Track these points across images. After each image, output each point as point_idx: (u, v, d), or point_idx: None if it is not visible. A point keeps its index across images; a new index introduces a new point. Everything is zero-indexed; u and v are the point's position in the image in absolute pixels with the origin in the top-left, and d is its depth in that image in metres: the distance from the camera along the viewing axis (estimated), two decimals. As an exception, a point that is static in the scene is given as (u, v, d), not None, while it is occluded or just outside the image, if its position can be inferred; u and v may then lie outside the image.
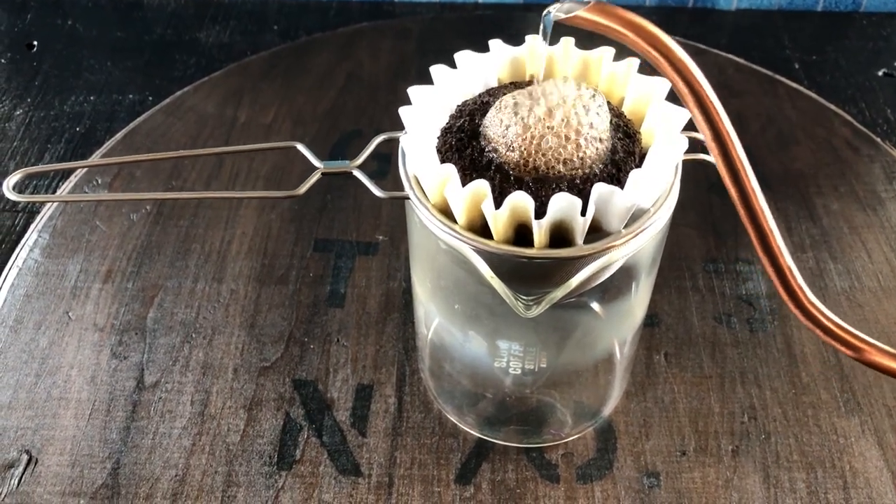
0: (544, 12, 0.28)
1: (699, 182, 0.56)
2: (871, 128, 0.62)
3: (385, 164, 0.55)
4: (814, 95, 0.64)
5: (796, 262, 0.51)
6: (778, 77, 0.66)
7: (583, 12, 0.26)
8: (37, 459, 0.42)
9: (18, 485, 0.41)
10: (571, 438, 0.43)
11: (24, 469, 0.42)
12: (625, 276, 0.35)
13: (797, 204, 0.55)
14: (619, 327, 0.41)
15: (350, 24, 0.73)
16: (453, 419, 0.44)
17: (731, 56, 0.68)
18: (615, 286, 0.36)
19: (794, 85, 0.65)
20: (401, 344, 0.47)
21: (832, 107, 0.63)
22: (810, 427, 0.43)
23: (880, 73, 0.69)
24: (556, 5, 0.27)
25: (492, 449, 0.43)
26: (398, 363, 0.46)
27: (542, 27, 0.30)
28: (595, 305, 0.39)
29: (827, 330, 0.27)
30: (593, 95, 0.30)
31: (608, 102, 0.33)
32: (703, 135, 0.26)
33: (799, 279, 0.27)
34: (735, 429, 0.43)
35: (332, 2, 0.77)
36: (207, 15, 0.75)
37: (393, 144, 0.34)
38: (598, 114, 0.30)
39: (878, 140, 0.60)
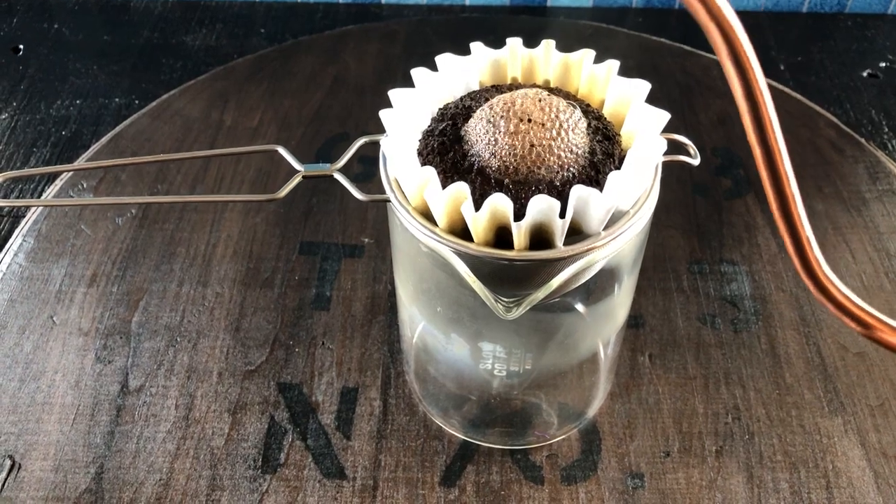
0: None
1: (684, 183, 0.56)
2: (855, 129, 0.62)
3: (370, 167, 0.55)
4: (798, 96, 0.65)
5: (780, 263, 0.52)
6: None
7: None
8: (20, 465, 0.42)
9: (1, 490, 0.41)
10: (556, 440, 0.43)
11: (8, 474, 0.42)
12: (606, 277, 0.35)
13: (782, 205, 0.55)
14: (602, 328, 0.41)
15: (337, 27, 0.73)
16: (438, 422, 0.44)
17: (716, 57, 0.68)
18: (597, 288, 0.36)
19: (779, 86, 0.66)
20: (386, 347, 0.47)
21: (817, 108, 0.63)
22: (794, 427, 0.43)
23: (865, 74, 0.69)
24: None
25: (476, 451, 0.43)
26: (383, 366, 0.46)
27: None
28: (577, 307, 0.39)
29: (839, 304, 0.26)
30: (571, 101, 0.30)
31: (588, 105, 0.33)
32: (734, 89, 0.24)
33: (816, 250, 0.26)
34: (719, 429, 0.43)
35: (319, 4, 0.77)
36: (194, 18, 0.75)
37: (378, 147, 0.34)
38: (576, 118, 0.30)
39: (863, 141, 0.61)
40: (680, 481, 0.41)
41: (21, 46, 0.72)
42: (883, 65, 0.70)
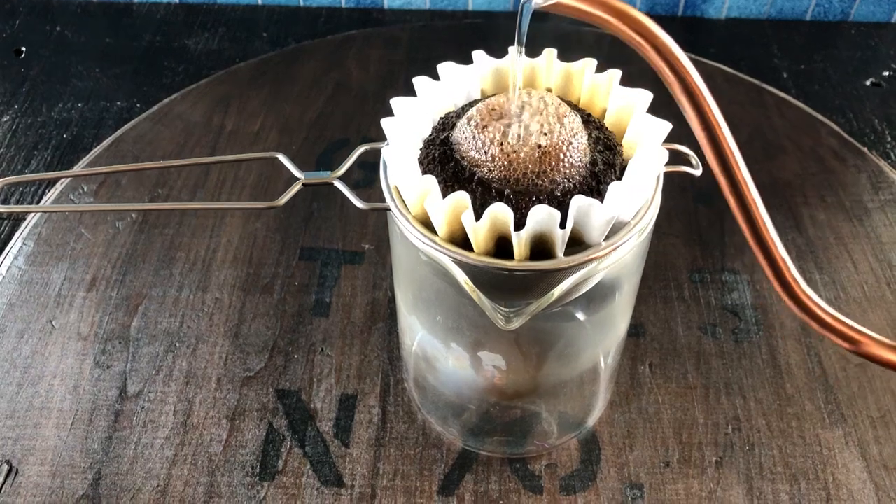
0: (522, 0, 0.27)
1: (685, 192, 0.56)
2: (858, 137, 0.62)
3: (371, 174, 0.55)
4: (801, 105, 0.64)
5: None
6: (766, 86, 0.66)
7: None
8: (17, 470, 0.42)
9: (-2, 495, 0.41)
10: (555, 449, 0.43)
11: (5, 480, 0.41)
12: (607, 287, 0.35)
13: (783, 214, 0.55)
14: (602, 338, 0.41)
15: (339, 32, 0.73)
16: (437, 430, 0.43)
17: (719, 65, 0.68)
18: (597, 297, 0.36)
19: (782, 94, 0.65)
20: (385, 354, 0.47)
21: (820, 116, 0.63)
22: (794, 438, 0.43)
23: (868, 83, 0.69)
24: None
25: (475, 460, 0.42)
26: (382, 373, 0.46)
27: (519, 16, 0.28)
28: (577, 316, 0.39)
29: (823, 322, 0.26)
30: (564, 106, 0.30)
31: (589, 114, 0.33)
32: (691, 122, 0.24)
33: (793, 270, 0.26)
34: (719, 440, 0.43)
35: (322, 9, 0.77)
36: (197, 22, 0.75)
37: (379, 153, 0.34)
38: (575, 126, 0.30)
39: (865, 150, 0.60)
40: (679, 492, 0.41)
41: (23, 49, 0.72)
42: (886, 74, 0.70)
